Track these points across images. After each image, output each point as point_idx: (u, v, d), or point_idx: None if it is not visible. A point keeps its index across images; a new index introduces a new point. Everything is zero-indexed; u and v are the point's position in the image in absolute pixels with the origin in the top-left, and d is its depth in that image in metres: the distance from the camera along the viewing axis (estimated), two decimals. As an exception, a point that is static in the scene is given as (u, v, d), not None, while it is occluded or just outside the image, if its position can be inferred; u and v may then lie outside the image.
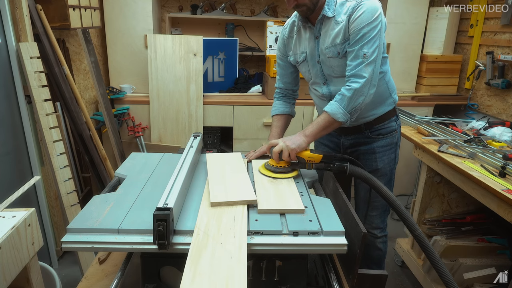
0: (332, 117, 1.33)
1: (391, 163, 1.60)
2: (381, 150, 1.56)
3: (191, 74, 2.75)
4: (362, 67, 1.30)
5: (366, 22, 1.28)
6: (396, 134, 1.60)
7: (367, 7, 1.29)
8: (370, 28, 1.28)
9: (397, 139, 1.61)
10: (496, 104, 2.73)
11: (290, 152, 1.29)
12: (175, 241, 0.93)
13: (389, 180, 1.63)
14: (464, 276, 1.87)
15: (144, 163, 1.42)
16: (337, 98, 1.34)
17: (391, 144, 1.58)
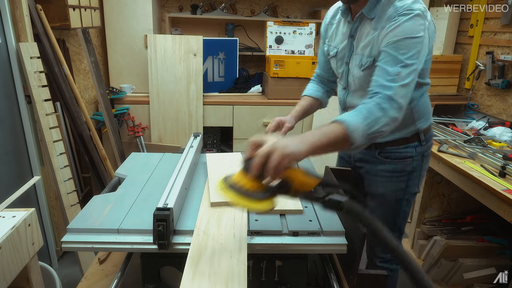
0: (348, 133, 0.96)
1: (399, 193, 1.37)
2: (386, 175, 1.36)
3: (191, 74, 2.75)
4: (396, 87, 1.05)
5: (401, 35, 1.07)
6: (412, 163, 1.34)
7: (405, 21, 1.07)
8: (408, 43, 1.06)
9: (412, 167, 1.34)
10: (496, 104, 2.73)
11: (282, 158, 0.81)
12: (175, 241, 0.93)
13: (394, 211, 1.40)
14: (464, 276, 1.88)
15: (144, 163, 1.42)
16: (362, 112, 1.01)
17: (402, 171, 1.35)
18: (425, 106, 1.33)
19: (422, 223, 2.13)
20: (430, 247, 2.02)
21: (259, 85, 3.03)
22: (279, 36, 2.92)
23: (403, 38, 1.07)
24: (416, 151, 1.34)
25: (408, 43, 1.07)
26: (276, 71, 2.79)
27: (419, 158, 1.35)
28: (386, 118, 1.01)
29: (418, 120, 1.31)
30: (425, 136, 1.35)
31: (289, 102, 2.85)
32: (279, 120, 1.37)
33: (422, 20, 1.07)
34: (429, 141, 1.38)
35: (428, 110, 1.34)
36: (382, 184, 1.38)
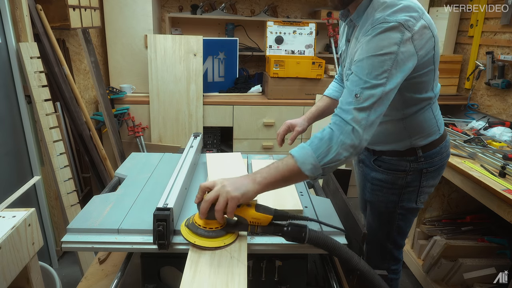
0: (298, 166, 0.92)
1: (389, 205, 1.31)
2: (376, 183, 1.31)
3: (191, 74, 2.75)
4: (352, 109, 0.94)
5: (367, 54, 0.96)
6: (406, 177, 1.26)
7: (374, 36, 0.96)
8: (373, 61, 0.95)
9: (405, 182, 1.26)
10: (496, 104, 2.73)
11: (228, 201, 0.86)
12: (175, 241, 0.93)
13: (387, 223, 1.34)
14: (464, 276, 1.88)
15: (144, 163, 1.42)
16: (312, 142, 0.94)
17: (394, 184, 1.28)
18: (424, 122, 1.19)
19: (422, 223, 2.13)
20: (430, 247, 2.02)
21: (259, 85, 3.03)
22: (279, 36, 2.92)
23: (369, 56, 0.95)
24: (410, 166, 1.25)
25: (374, 61, 0.94)
26: (276, 71, 2.79)
27: (416, 174, 1.26)
28: (337, 146, 0.92)
29: (413, 137, 1.21)
30: (425, 153, 1.23)
31: (289, 102, 2.85)
32: (290, 123, 1.36)
33: (396, 34, 0.94)
34: (433, 158, 1.25)
35: (428, 126, 1.21)
36: (372, 192, 1.34)
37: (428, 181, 1.29)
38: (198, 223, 0.89)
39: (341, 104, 0.98)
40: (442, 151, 1.27)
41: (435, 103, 1.21)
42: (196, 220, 0.90)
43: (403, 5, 0.98)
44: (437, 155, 1.26)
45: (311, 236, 0.86)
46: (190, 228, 0.90)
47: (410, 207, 1.31)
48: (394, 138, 1.23)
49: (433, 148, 1.24)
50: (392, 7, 0.98)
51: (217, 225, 0.89)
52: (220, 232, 0.89)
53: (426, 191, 1.31)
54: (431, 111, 1.20)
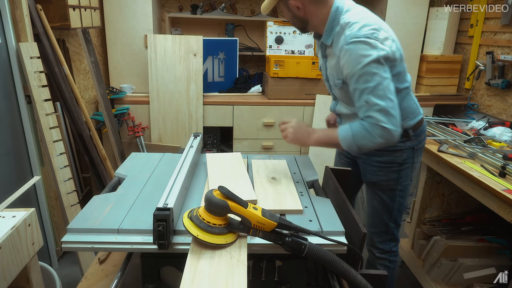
0: (339, 141, 1.28)
1: (392, 182, 1.50)
2: (378, 165, 1.51)
3: (191, 74, 2.75)
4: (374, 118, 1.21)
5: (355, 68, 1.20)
6: (402, 155, 1.47)
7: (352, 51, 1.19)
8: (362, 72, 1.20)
9: (402, 159, 1.47)
10: (496, 104, 2.73)
11: (286, 136, 1.31)
12: (175, 241, 0.93)
13: (389, 201, 1.53)
14: (464, 276, 1.88)
15: (144, 163, 1.42)
16: (354, 127, 1.25)
17: (393, 162, 1.48)
18: (409, 107, 1.42)
19: (422, 223, 2.13)
20: (430, 247, 2.02)
21: (259, 85, 3.03)
22: (279, 36, 2.92)
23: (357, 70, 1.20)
24: (405, 145, 1.46)
25: (362, 72, 1.19)
26: (276, 71, 2.79)
27: (410, 151, 1.48)
28: (370, 139, 1.23)
29: (404, 120, 1.38)
30: (414, 132, 1.46)
31: (289, 102, 2.85)
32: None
33: (366, 45, 1.18)
34: (420, 135, 1.49)
35: (412, 109, 1.44)
36: (375, 173, 1.53)
37: (418, 157, 1.53)
38: (203, 217, 0.88)
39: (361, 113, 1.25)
40: (424, 129, 1.53)
41: (411, 90, 1.47)
42: (201, 214, 0.89)
43: (363, 22, 1.22)
44: (422, 133, 1.51)
45: (310, 251, 0.88)
46: (193, 220, 0.89)
47: (407, 183, 1.53)
48: None
49: (420, 126, 1.49)
50: (357, 25, 1.21)
51: (220, 222, 0.89)
52: (222, 229, 0.89)
53: (416, 167, 1.55)
54: (410, 97, 1.45)
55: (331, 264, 0.89)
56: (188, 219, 0.90)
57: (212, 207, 0.87)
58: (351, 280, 0.90)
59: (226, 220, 0.90)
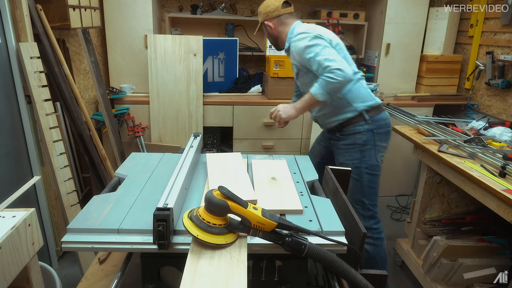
0: (314, 96, 1.65)
1: (355, 162, 1.79)
2: (343, 148, 1.84)
3: (191, 74, 2.75)
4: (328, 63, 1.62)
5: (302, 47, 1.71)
6: (362, 137, 1.78)
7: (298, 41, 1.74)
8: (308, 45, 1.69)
9: (363, 141, 1.78)
10: (496, 104, 2.73)
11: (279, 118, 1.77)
12: (175, 241, 0.93)
13: (359, 177, 1.79)
14: (464, 276, 1.88)
15: (144, 163, 1.42)
16: (319, 82, 1.64)
17: (355, 144, 1.80)
18: (360, 92, 1.79)
19: (422, 223, 2.13)
20: (430, 247, 2.02)
21: (259, 85, 3.03)
22: (279, 36, 2.92)
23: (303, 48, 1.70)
24: (363, 127, 1.78)
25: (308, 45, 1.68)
26: (276, 71, 2.79)
27: (369, 133, 1.78)
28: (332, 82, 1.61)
29: (354, 103, 1.77)
30: (370, 116, 1.78)
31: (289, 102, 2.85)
32: None
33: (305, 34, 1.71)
34: (378, 121, 1.79)
35: (364, 94, 1.80)
36: (342, 155, 1.85)
37: (380, 142, 1.80)
38: (203, 217, 0.88)
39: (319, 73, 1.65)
40: (384, 117, 1.83)
41: (362, 80, 1.82)
42: (201, 214, 0.89)
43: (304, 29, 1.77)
44: (381, 120, 1.80)
45: (310, 251, 0.89)
46: (193, 220, 0.89)
47: (372, 163, 1.79)
48: (342, 109, 1.79)
49: (377, 114, 1.80)
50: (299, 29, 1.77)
51: (220, 222, 0.89)
52: (222, 229, 0.89)
53: (380, 149, 1.81)
54: (361, 85, 1.80)
55: (331, 264, 0.90)
56: (188, 219, 0.90)
57: (212, 207, 0.87)
58: (351, 280, 0.90)
59: (226, 220, 0.90)
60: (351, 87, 1.76)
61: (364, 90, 1.81)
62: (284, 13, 1.89)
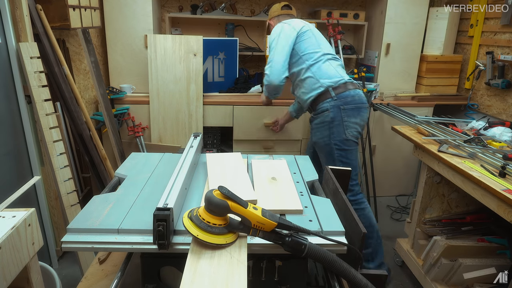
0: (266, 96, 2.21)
1: (325, 139, 1.97)
2: (315, 127, 2.03)
3: (191, 74, 2.75)
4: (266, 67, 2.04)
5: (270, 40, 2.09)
6: (329, 114, 1.94)
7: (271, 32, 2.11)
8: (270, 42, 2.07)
9: (330, 118, 1.94)
10: (496, 104, 2.74)
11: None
12: (175, 241, 0.93)
13: (328, 154, 1.99)
14: (464, 276, 1.87)
15: (144, 163, 1.42)
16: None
17: (324, 122, 1.96)
18: (327, 70, 1.99)
19: (422, 223, 2.13)
20: (430, 247, 2.02)
21: (259, 85, 3.02)
22: (279, 36, 2.92)
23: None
24: (330, 104, 1.94)
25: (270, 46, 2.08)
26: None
27: (336, 110, 1.93)
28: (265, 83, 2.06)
29: (321, 79, 1.97)
30: (337, 94, 1.94)
31: (289, 102, 2.85)
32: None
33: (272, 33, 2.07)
34: (345, 98, 1.94)
35: (331, 72, 1.98)
36: (314, 134, 2.04)
37: (349, 118, 1.93)
38: (203, 217, 0.88)
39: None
40: (352, 94, 1.95)
41: (333, 60, 2.04)
42: (201, 214, 0.89)
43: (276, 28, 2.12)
44: (348, 96, 1.94)
45: (310, 251, 0.89)
46: (193, 220, 0.89)
47: (342, 138, 1.94)
48: (310, 86, 2.00)
49: (343, 92, 1.94)
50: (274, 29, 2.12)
51: (220, 222, 0.89)
52: (222, 229, 0.89)
53: (351, 126, 1.94)
54: (329, 64, 2.01)
55: (331, 264, 0.90)
56: (188, 219, 0.90)
57: (212, 207, 0.87)
58: (351, 279, 0.90)
59: (226, 220, 0.90)
60: (320, 65, 1.99)
61: (332, 68, 2.00)
62: (283, 14, 2.22)
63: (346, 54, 3.19)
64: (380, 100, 3.03)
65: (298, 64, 2.05)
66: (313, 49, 2.03)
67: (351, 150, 1.98)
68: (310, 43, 2.04)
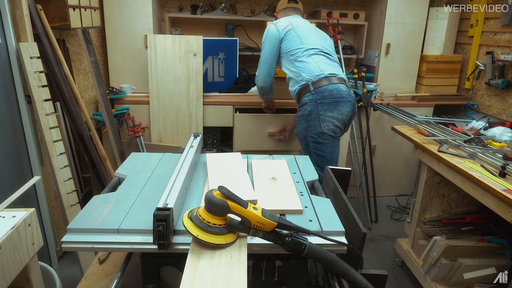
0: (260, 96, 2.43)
1: (303, 131, 2.07)
2: (297, 120, 2.13)
3: (191, 74, 2.75)
4: None
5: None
6: (308, 107, 2.02)
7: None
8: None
9: (308, 111, 2.02)
10: (496, 104, 2.74)
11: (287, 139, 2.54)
12: (175, 241, 0.93)
13: (306, 146, 2.10)
14: (464, 276, 1.87)
15: (144, 163, 1.42)
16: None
17: (303, 115, 2.06)
18: (309, 65, 2.07)
19: (422, 223, 2.13)
20: (430, 247, 2.02)
21: (259, 85, 3.02)
22: (279, 36, 2.92)
23: None
24: (308, 98, 2.03)
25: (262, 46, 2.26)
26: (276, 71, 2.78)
27: (313, 104, 2.01)
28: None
29: (302, 73, 2.07)
30: (315, 88, 2.01)
31: (289, 102, 2.85)
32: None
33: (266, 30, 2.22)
34: (322, 92, 2.00)
35: (312, 67, 2.06)
36: (296, 127, 2.15)
37: (325, 112, 2.00)
38: (203, 217, 0.88)
39: None
40: (328, 89, 2.01)
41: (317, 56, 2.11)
42: (201, 214, 0.89)
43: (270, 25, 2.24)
44: (325, 91, 2.01)
45: (310, 251, 0.89)
46: (193, 220, 0.89)
47: (317, 131, 2.02)
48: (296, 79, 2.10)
49: (321, 86, 2.01)
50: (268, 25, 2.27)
51: (220, 222, 0.89)
52: (222, 229, 0.89)
53: (327, 119, 2.01)
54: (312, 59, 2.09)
55: (331, 264, 0.90)
56: (188, 219, 0.90)
57: (212, 207, 0.87)
58: (351, 280, 0.90)
59: (226, 220, 0.90)
60: (303, 60, 2.09)
61: (314, 64, 2.07)
62: (289, 7, 2.35)
63: (346, 54, 3.19)
64: (380, 100, 3.03)
65: (285, 62, 2.19)
66: (295, 46, 2.13)
67: (326, 144, 2.04)
68: (293, 41, 2.14)
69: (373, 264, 2.42)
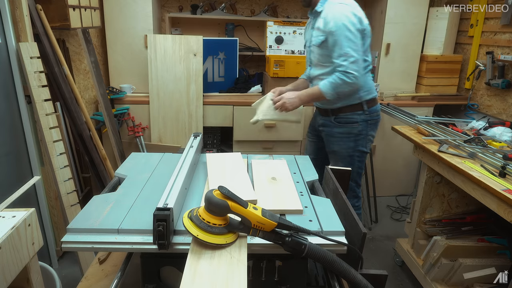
0: (322, 94, 1.77)
1: (349, 150, 1.94)
2: (339, 136, 1.94)
3: (191, 74, 2.75)
4: (347, 64, 1.70)
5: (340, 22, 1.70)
6: (358, 127, 1.90)
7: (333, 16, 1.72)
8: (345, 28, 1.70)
9: (358, 131, 1.91)
10: (496, 104, 2.73)
11: (283, 106, 1.84)
12: (175, 241, 0.93)
13: (349, 164, 1.94)
14: (464, 276, 1.87)
15: (144, 163, 1.42)
16: (331, 80, 1.74)
17: (350, 133, 1.92)
18: (367, 82, 1.86)
19: (422, 223, 2.13)
20: (430, 247, 2.02)
21: (259, 85, 3.02)
22: (279, 36, 2.92)
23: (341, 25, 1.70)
24: (360, 118, 1.89)
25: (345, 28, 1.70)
26: (276, 71, 2.79)
27: (364, 124, 1.90)
28: (344, 84, 1.73)
29: (360, 90, 1.84)
30: (368, 108, 1.88)
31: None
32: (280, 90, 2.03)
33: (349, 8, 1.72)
34: (373, 112, 1.91)
35: (369, 85, 1.88)
36: (337, 143, 1.96)
37: (371, 131, 1.95)
38: (203, 217, 0.88)
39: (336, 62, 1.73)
40: (377, 109, 1.95)
41: (368, 72, 1.87)
42: (201, 214, 0.89)
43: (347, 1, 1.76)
44: (375, 111, 1.93)
45: (310, 251, 0.88)
46: (193, 220, 0.89)
47: (363, 150, 1.96)
48: (349, 96, 1.84)
49: (374, 105, 1.91)
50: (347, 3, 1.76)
51: (220, 222, 0.89)
52: (222, 229, 0.89)
53: (370, 139, 1.96)
54: (368, 75, 1.87)
55: (331, 264, 0.89)
56: (188, 219, 0.90)
57: (212, 207, 0.87)
58: (351, 280, 0.90)
59: (226, 220, 0.90)
60: (364, 75, 1.83)
61: (370, 81, 1.91)
62: None
63: (346, 54, 3.18)
64: (380, 100, 3.02)
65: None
66: (365, 55, 1.82)
67: (365, 162, 2.05)
68: (366, 46, 1.81)
69: (373, 264, 2.41)
